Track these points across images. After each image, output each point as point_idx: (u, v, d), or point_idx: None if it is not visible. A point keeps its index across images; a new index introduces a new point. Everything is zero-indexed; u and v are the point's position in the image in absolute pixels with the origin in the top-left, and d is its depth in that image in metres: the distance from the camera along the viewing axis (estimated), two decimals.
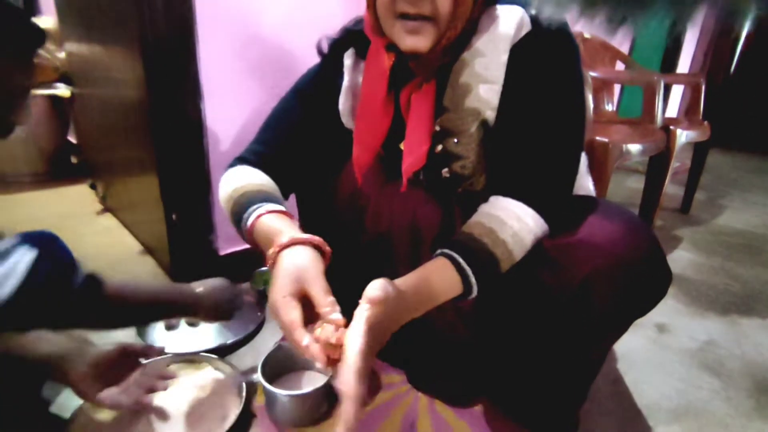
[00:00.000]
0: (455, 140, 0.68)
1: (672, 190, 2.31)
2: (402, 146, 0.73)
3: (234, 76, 1.20)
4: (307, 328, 0.52)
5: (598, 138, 1.49)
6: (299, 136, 0.79)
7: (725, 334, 1.17)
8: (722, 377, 1.00)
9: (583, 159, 0.77)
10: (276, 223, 0.62)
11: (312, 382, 0.90)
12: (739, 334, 1.17)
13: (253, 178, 0.73)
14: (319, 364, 0.50)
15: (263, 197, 0.67)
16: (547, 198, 0.65)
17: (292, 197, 0.92)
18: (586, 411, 0.86)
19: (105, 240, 1.60)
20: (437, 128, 0.69)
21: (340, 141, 0.78)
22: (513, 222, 0.62)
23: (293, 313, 0.51)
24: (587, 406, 0.87)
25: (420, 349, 0.89)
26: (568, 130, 0.66)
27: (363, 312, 0.51)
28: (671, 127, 1.77)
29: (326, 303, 0.52)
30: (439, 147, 0.69)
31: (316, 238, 0.59)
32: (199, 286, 0.82)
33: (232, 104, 1.22)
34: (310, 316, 0.53)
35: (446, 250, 0.61)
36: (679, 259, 1.61)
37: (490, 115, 0.66)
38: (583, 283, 0.62)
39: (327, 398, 0.83)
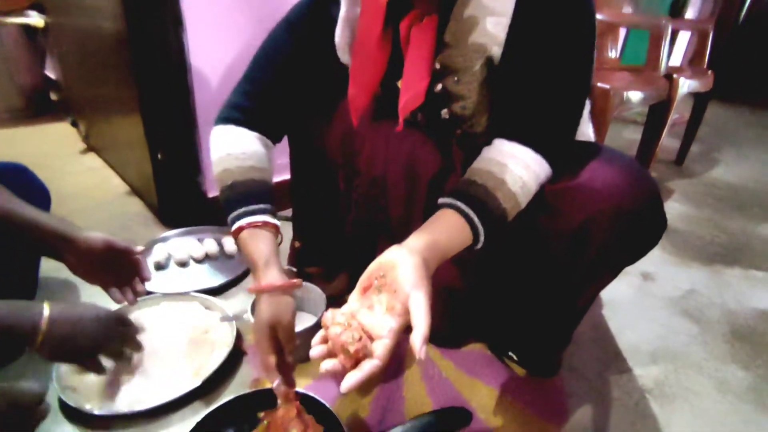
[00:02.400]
0: (456, 79, 0.64)
1: (668, 142, 2.28)
2: (400, 84, 0.68)
3: (218, 8, 1.11)
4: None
5: (599, 84, 1.44)
6: (291, 73, 0.73)
7: (708, 283, 1.19)
8: (701, 323, 1.03)
9: (586, 105, 0.74)
10: (261, 244, 0.64)
11: (302, 321, 0.92)
12: (721, 284, 1.19)
13: (243, 149, 0.69)
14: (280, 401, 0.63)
15: (254, 195, 0.67)
16: (551, 141, 0.62)
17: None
18: (569, 352, 0.89)
19: (90, 180, 1.56)
20: (437, 66, 0.65)
21: (336, 78, 0.73)
22: (522, 171, 0.59)
23: (271, 358, 0.61)
24: (570, 348, 0.90)
25: None
26: (577, 70, 0.62)
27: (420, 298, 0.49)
28: (674, 76, 1.72)
29: (286, 353, 0.62)
30: (439, 86, 0.66)
31: (293, 282, 0.63)
32: (90, 234, 0.73)
33: (218, 39, 1.14)
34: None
35: (459, 204, 0.58)
36: (670, 210, 1.62)
37: (496, 51, 0.62)
38: (581, 227, 0.62)
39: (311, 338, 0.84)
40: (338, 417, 0.66)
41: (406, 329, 0.54)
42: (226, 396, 0.76)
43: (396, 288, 0.50)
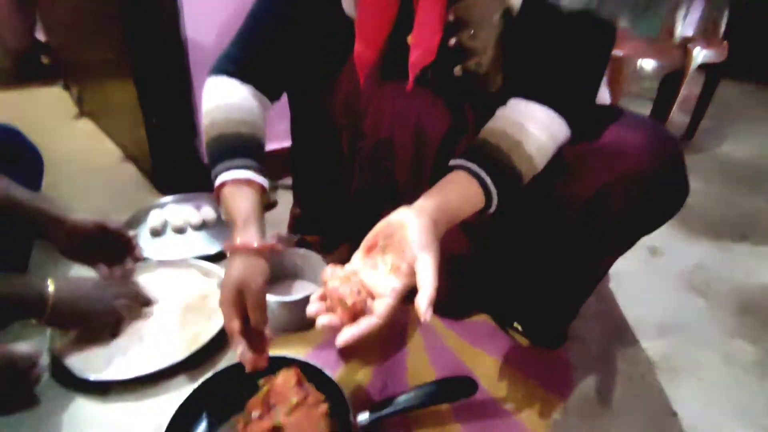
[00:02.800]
0: (472, 32, 0.59)
1: (677, 118, 2.22)
2: (409, 40, 0.63)
3: None
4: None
5: (612, 52, 1.39)
6: (290, 24, 0.68)
7: (716, 258, 1.17)
8: (708, 298, 1.02)
9: None
10: (241, 202, 0.59)
11: (302, 289, 0.90)
12: (729, 260, 1.17)
13: (234, 101, 0.65)
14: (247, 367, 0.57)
15: (239, 149, 0.62)
16: (571, 101, 0.58)
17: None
18: (574, 325, 0.87)
19: (84, 146, 1.52)
20: (451, 18, 0.60)
21: (339, 32, 0.68)
22: (539, 132, 0.56)
23: (234, 323, 0.56)
24: (576, 321, 0.88)
25: None
26: (601, 23, 0.57)
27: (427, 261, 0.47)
28: (688, 45, 1.65)
29: (254, 322, 0.56)
30: (452, 40, 0.61)
31: (268, 245, 0.58)
32: (78, 218, 0.72)
33: None
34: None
35: (471, 165, 0.55)
36: None
37: (516, 2, 0.57)
38: (600, 192, 0.59)
39: None
40: (339, 385, 0.64)
41: (409, 296, 0.52)
42: (225, 363, 0.75)
43: (403, 248, 0.48)
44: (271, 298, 0.78)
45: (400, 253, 0.48)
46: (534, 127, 0.56)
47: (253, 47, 0.68)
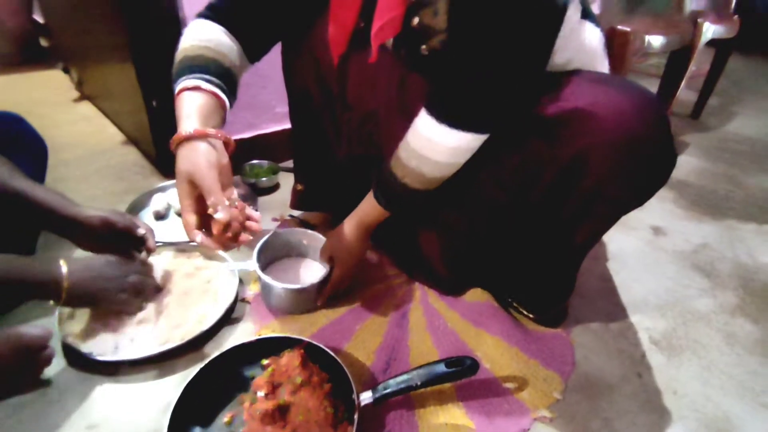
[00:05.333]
0: (433, 11, 0.59)
1: (685, 95, 2.18)
2: None
3: None
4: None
5: (618, 27, 1.35)
6: None
7: (720, 237, 1.16)
8: (711, 277, 1.02)
9: (598, 35, 0.66)
10: (187, 104, 0.59)
11: (307, 268, 0.90)
12: (733, 239, 1.16)
13: (204, 35, 0.66)
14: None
15: (197, 66, 0.62)
16: (463, 98, 0.59)
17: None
18: (575, 305, 0.88)
19: (85, 129, 1.52)
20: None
21: None
22: (417, 143, 0.63)
23: (189, 217, 0.56)
24: (577, 300, 0.88)
25: (415, 238, 0.88)
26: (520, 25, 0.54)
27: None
28: (699, 20, 1.61)
29: (210, 203, 0.55)
30: (416, 20, 0.61)
31: (211, 131, 0.57)
32: (95, 212, 0.71)
33: None
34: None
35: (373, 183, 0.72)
36: (684, 165, 1.57)
37: None
38: (579, 155, 0.59)
39: (320, 290, 0.83)
40: (343, 365, 0.65)
41: (409, 274, 0.89)
42: (230, 344, 0.76)
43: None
44: (278, 285, 0.79)
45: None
46: (414, 139, 0.64)
47: (234, 1, 0.70)
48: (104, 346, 0.71)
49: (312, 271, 0.90)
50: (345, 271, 0.82)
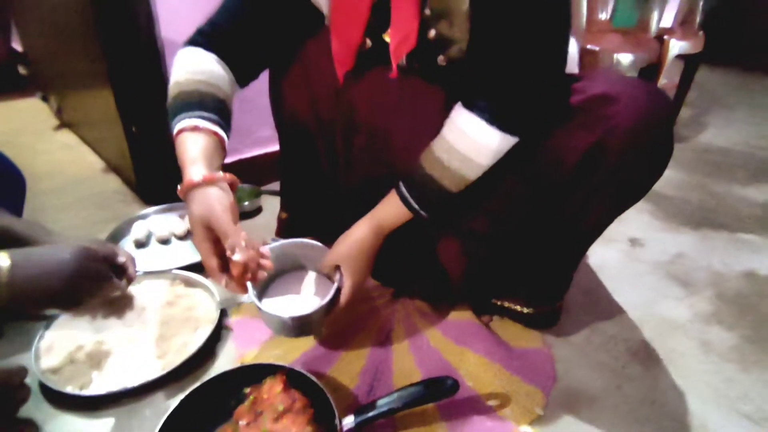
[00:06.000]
0: (449, 23, 0.61)
1: None
2: (386, 37, 0.66)
3: None
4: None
5: (588, 47, 1.40)
6: (264, 12, 0.71)
7: (696, 247, 1.20)
8: (688, 287, 1.04)
9: (574, 45, 0.71)
10: (189, 145, 0.60)
11: (309, 284, 0.79)
12: (708, 248, 1.20)
13: (198, 66, 0.66)
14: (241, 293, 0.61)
15: (195, 103, 0.62)
16: (513, 99, 0.61)
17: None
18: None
19: (65, 157, 1.51)
20: (427, 12, 0.62)
21: (310, 20, 0.71)
22: (462, 146, 0.63)
23: (211, 261, 0.58)
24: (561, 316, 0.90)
25: (401, 253, 0.87)
26: (552, 6, 0.58)
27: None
28: (665, 37, 1.68)
29: (227, 246, 0.56)
30: (432, 32, 0.63)
31: (219, 175, 0.59)
32: (74, 242, 0.67)
33: (189, 5, 1.07)
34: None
35: (400, 184, 0.70)
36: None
37: None
38: (599, 141, 0.61)
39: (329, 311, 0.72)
40: (325, 390, 0.65)
41: (396, 293, 0.89)
42: (212, 373, 0.75)
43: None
44: (275, 312, 0.68)
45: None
46: (457, 140, 0.63)
47: (223, 23, 0.70)
48: (83, 380, 0.70)
49: (316, 287, 0.77)
50: (359, 280, 0.73)
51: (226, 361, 0.78)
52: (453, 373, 0.76)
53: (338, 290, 0.71)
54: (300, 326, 0.70)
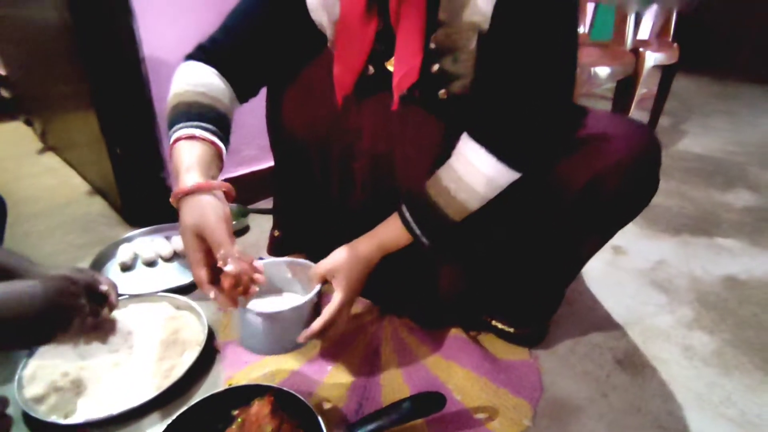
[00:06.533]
0: (453, 58, 0.63)
1: (639, 116, 2.31)
2: (389, 66, 0.68)
3: None
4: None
5: None
6: (264, 32, 0.71)
7: (676, 253, 1.22)
8: (669, 293, 1.06)
9: None
10: (185, 154, 0.59)
11: (292, 301, 0.73)
12: (688, 254, 1.23)
13: (198, 79, 0.66)
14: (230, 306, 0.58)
15: (194, 113, 0.63)
16: (524, 138, 0.63)
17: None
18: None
19: (49, 181, 1.50)
20: (432, 45, 0.64)
21: (312, 41, 0.72)
22: (471, 178, 0.64)
23: (201, 271, 0.56)
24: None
25: (391, 273, 0.88)
26: (561, 46, 0.60)
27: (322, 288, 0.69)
28: (641, 50, 1.73)
29: (220, 256, 0.54)
30: (435, 66, 0.65)
31: (214, 183, 0.57)
32: (56, 271, 0.65)
33: (173, 27, 1.09)
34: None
35: (402, 207, 0.70)
36: None
37: (485, 25, 0.61)
38: (596, 175, 0.64)
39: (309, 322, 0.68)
40: (313, 410, 0.65)
41: (383, 310, 0.88)
42: (200, 395, 0.75)
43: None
44: (254, 312, 0.64)
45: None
46: (467, 173, 0.64)
47: (224, 40, 0.71)
48: (67, 409, 0.69)
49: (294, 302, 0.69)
50: (351, 296, 0.71)
51: (214, 383, 0.78)
52: (441, 388, 0.76)
53: (319, 295, 0.68)
54: (280, 331, 0.66)
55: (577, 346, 0.89)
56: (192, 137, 0.61)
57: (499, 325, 0.87)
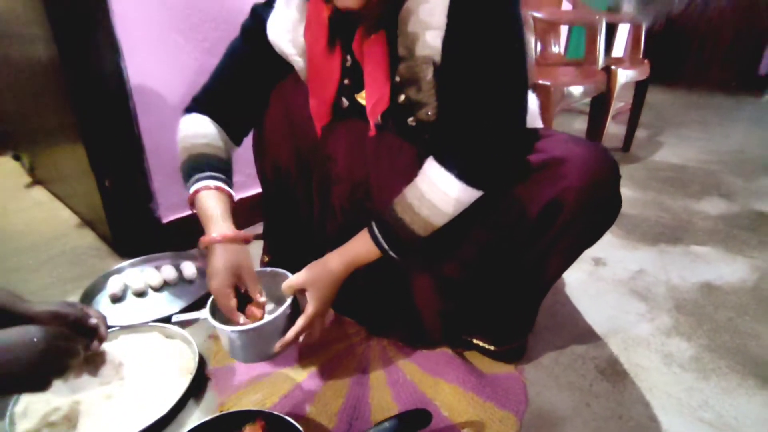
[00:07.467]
0: (416, 88, 0.68)
1: (616, 129, 2.40)
2: (360, 99, 0.75)
3: (157, 29, 1.10)
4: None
5: (540, 81, 1.50)
6: (249, 76, 0.81)
7: (654, 262, 1.26)
8: (648, 301, 1.10)
9: (534, 101, 0.79)
10: (210, 205, 0.72)
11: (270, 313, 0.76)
12: (665, 262, 1.27)
13: (201, 130, 0.78)
14: None
15: (205, 164, 0.75)
16: (479, 158, 0.66)
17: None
18: (527, 344, 0.93)
19: (38, 215, 1.51)
20: (397, 78, 0.69)
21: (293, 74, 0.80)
22: (432, 195, 0.67)
23: (232, 302, 0.69)
24: (528, 338, 0.94)
25: (372, 295, 0.91)
26: (508, 74, 0.65)
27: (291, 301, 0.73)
28: (612, 67, 1.81)
29: (254, 293, 0.72)
30: (402, 97, 0.70)
31: (242, 234, 0.72)
32: (45, 306, 0.67)
33: (159, 61, 1.13)
34: (241, 297, 0.72)
35: (372, 224, 0.73)
36: None
37: (437, 57, 0.66)
38: (556, 197, 0.67)
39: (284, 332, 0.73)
40: None
41: (372, 330, 0.93)
42: (192, 423, 0.76)
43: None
44: (228, 329, 0.69)
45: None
46: (430, 191, 0.67)
47: (214, 88, 0.81)
48: None
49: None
50: (323, 309, 0.75)
51: (206, 410, 0.79)
52: (429, 405, 0.78)
53: (295, 305, 0.73)
54: (259, 342, 0.71)
55: (560, 357, 0.91)
56: (207, 188, 0.73)
57: (480, 343, 0.90)
